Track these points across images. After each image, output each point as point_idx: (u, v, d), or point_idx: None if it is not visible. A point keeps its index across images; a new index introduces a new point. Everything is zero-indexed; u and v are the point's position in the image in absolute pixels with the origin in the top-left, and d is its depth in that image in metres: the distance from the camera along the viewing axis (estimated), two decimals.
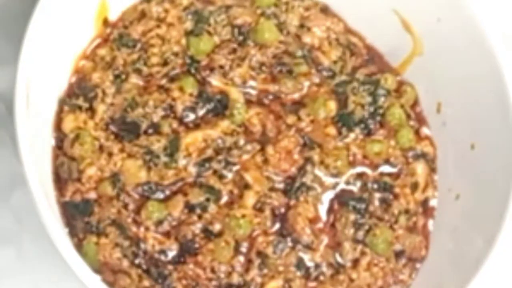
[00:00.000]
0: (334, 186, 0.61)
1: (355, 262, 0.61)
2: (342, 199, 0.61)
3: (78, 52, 0.62)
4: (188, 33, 0.63)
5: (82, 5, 0.61)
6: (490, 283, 0.58)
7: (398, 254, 0.62)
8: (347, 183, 0.62)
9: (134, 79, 0.61)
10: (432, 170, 0.65)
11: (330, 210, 0.61)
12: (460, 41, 0.63)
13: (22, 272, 0.62)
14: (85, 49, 0.63)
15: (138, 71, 0.61)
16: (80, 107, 0.60)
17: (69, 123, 0.60)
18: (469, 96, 0.63)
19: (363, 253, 0.61)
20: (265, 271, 0.59)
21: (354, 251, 0.61)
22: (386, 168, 0.63)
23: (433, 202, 0.64)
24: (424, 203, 0.64)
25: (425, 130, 0.65)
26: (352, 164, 0.62)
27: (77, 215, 0.58)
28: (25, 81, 0.54)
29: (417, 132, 0.65)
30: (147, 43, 0.62)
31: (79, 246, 0.57)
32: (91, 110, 0.60)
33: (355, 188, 0.62)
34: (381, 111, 0.64)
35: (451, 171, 0.64)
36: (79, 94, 0.61)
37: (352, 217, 0.61)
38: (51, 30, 0.57)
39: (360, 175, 0.62)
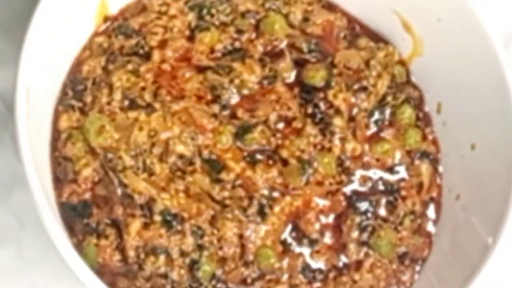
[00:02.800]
0: (347, 184, 0.61)
1: (358, 264, 0.61)
2: (351, 200, 0.61)
3: (78, 51, 0.61)
4: (193, 29, 0.62)
5: (82, 4, 0.60)
6: (491, 283, 0.58)
7: (401, 256, 0.62)
8: (359, 184, 0.62)
9: (129, 66, 0.60)
10: (435, 170, 0.64)
11: (341, 212, 0.61)
12: (461, 42, 0.62)
13: (21, 272, 0.61)
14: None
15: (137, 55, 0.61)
16: (73, 107, 0.59)
17: (63, 123, 0.59)
18: (469, 96, 0.63)
19: (366, 255, 0.61)
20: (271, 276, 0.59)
21: (358, 253, 0.61)
22: (394, 169, 0.63)
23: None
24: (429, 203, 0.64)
25: (429, 130, 0.65)
26: (364, 166, 0.62)
27: (75, 217, 0.57)
28: (25, 81, 0.53)
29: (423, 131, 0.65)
30: (148, 32, 0.62)
31: (78, 247, 0.56)
32: (83, 103, 0.59)
33: (365, 189, 0.62)
34: (391, 109, 0.63)
35: (451, 171, 0.64)
36: (70, 87, 0.60)
37: (357, 219, 0.61)
38: (51, 30, 0.56)
39: (370, 178, 0.62)
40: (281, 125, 0.61)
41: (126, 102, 0.59)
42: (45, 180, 0.56)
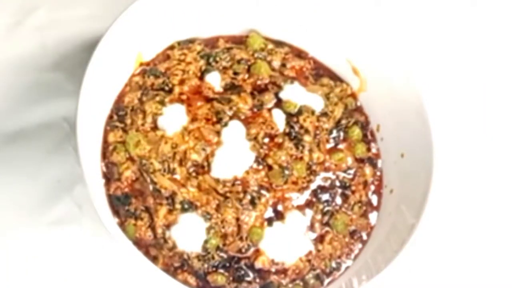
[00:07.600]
0: (314, 182, 0.66)
1: (322, 238, 0.66)
2: (316, 193, 0.66)
3: (121, 87, 0.68)
4: (203, 71, 0.68)
5: (124, 54, 0.67)
6: (414, 252, 0.62)
7: (352, 233, 0.67)
8: (322, 182, 0.67)
9: (157, 98, 0.66)
10: (376, 172, 0.70)
11: (309, 201, 0.66)
12: (393, 82, 0.68)
13: (82, 242, 0.67)
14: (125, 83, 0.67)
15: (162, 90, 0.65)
16: (117, 126, 0.65)
17: (110, 138, 0.65)
18: (399, 120, 0.68)
19: (327, 232, 0.66)
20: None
21: (321, 230, 0.66)
22: (347, 171, 0.68)
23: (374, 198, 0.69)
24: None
25: (372, 144, 0.71)
26: (326, 169, 0.67)
27: (119, 205, 0.63)
28: (84, 108, 0.59)
29: (368, 144, 0.71)
30: (171, 74, 0.67)
31: (122, 226, 0.63)
32: (124, 124, 0.65)
33: (326, 185, 0.67)
34: (344, 129, 0.69)
35: (387, 173, 0.69)
36: (115, 112, 0.65)
37: (321, 206, 0.66)
38: (102, 72, 0.63)
39: (329, 177, 0.67)
40: (266, 140, 0.66)
41: (155, 124, 0.66)
42: (97, 179, 0.63)
